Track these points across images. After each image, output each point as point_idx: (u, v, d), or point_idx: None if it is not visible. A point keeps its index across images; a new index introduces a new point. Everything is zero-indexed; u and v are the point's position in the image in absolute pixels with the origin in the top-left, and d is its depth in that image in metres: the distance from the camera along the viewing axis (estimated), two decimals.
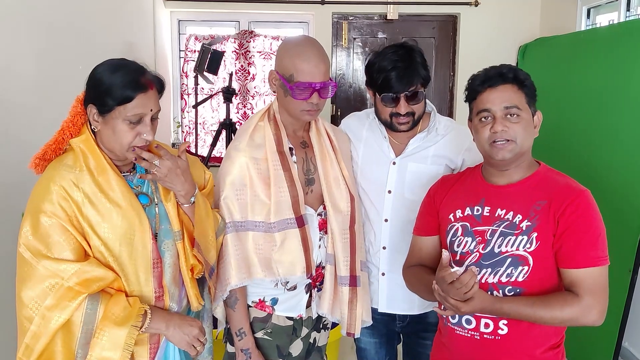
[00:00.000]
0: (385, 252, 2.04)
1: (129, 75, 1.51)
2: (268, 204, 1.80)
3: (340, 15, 4.85)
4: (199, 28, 4.97)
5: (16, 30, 2.31)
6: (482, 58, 4.58)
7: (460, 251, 1.67)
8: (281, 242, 1.81)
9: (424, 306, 2.04)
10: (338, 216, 1.90)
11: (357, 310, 1.95)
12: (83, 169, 1.52)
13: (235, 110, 4.80)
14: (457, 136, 2.01)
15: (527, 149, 1.61)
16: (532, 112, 1.62)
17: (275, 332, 1.91)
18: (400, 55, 1.90)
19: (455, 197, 1.74)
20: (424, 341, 2.09)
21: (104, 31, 3.35)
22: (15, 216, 2.21)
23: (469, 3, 4.70)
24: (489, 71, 1.63)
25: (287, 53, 1.82)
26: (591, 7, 4.07)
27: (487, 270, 1.61)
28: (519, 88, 1.59)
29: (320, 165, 1.92)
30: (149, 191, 1.64)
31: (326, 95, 1.81)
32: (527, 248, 1.56)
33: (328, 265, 1.93)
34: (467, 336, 1.66)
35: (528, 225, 1.57)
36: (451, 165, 2.01)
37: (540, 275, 1.57)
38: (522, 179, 1.63)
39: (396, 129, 1.96)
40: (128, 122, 1.50)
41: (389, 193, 2.02)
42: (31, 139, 2.35)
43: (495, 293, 1.59)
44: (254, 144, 1.84)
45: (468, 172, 1.80)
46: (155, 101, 1.55)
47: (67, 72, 2.76)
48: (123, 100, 1.48)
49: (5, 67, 2.23)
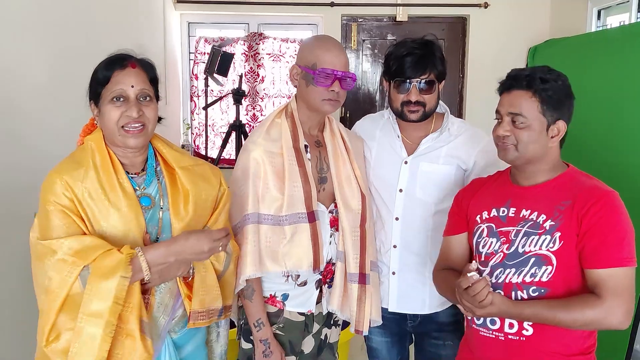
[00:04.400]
0: (395, 251, 2.04)
1: (108, 59, 1.57)
2: (279, 198, 1.82)
3: (350, 18, 4.86)
4: (208, 30, 4.99)
5: (27, 34, 2.32)
6: (491, 60, 4.66)
7: (485, 252, 1.67)
8: (291, 235, 1.83)
9: (434, 305, 2.04)
10: (349, 214, 1.93)
11: (365, 308, 1.96)
12: (90, 165, 1.53)
13: (244, 112, 4.81)
14: (470, 137, 2.02)
15: (534, 156, 1.60)
16: (550, 121, 1.58)
17: (288, 327, 1.93)
18: (418, 44, 1.94)
19: (482, 198, 1.75)
20: (436, 341, 2.09)
21: (114, 34, 3.36)
22: (26, 219, 2.23)
23: (478, 5, 4.70)
24: (510, 73, 1.63)
25: (308, 47, 1.91)
26: (602, 9, 4.06)
27: (511, 270, 1.60)
28: (533, 95, 1.57)
29: (333, 164, 1.95)
30: (154, 194, 1.61)
31: (346, 86, 1.86)
32: (550, 248, 1.55)
33: (339, 262, 1.95)
34: (491, 337, 1.65)
35: (552, 225, 1.56)
36: (463, 166, 2.01)
37: (564, 276, 1.55)
38: (548, 180, 1.63)
39: (406, 118, 1.97)
40: (112, 100, 1.53)
41: (400, 192, 2.02)
42: (41, 143, 2.38)
43: (520, 293, 1.58)
44: (270, 138, 1.88)
45: (497, 175, 1.80)
46: (137, 78, 1.54)
47: (78, 75, 2.75)
48: (103, 81, 1.53)
49: (16, 70, 2.25)
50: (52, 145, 2.45)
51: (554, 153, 1.63)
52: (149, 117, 1.56)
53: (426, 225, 2.01)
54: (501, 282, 1.62)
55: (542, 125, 1.58)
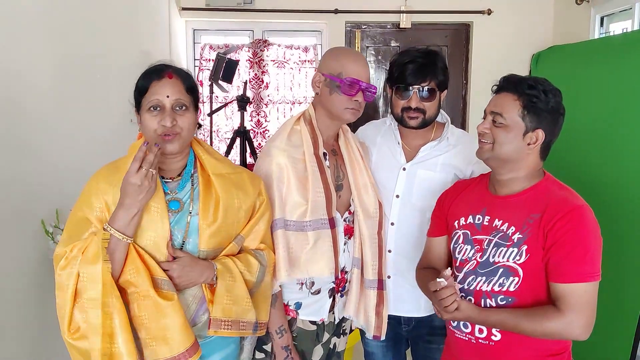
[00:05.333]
0: (391, 255, 2.09)
1: (147, 70, 1.65)
2: (303, 204, 1.84)
3: (354, 24, 4.88)
4: (213, 37, 5.01)
5: (33, 39, 2.34)
6: (495, 66, 4.66)
7: (460, 258, 1.72)
8: (314, 241, 1.85)
9: (428, 309, 2.07)
10: (368, 221, 1.96)
11: (384, 313, 2.01)
12: (126, 170, 1.57)
13: (249, 119, 4.83)
14: (467, 148, 2.04)
15: (507, 157, 1.62)
16: (529, 127, 1.60)
17: (300, 336, 1.95)
18: (422, 53, 1.99)
19: (461, 204, 1.79)
20: (431, 345, 2.13)
21: (120, 40, 3.38)
22: (34, 224, 2.26)
23: (482, 12, 4.71)
24: (505, 76, 1.68)
25: (334, 56, 1.94)
26: (605, 15, 4.06)
27: (482, 279, 1.66)
28: (517, 98, 1.60)
29: (350, 172, 1.99)
30: (184, 199, 1.65)
31: (368, 98, 1.90)
32: (516, 260, 1.59)
33: (355, 269, 1.98)
34: (465, 340, 1.72)
35: (519, 237, 1.60)
36: (460, 175, 2.05)
37: (531, 287, 1.59)
38: (523, 190, 1.65)
39: (406, 124, 2.01)
40: (149, 109, 1.60)
41: (396, 197, 2.06)
42: (47, 147, 2.39)
43: (489, 301, 1.64)
44: (291, 144, 1.90)
45: (478, 179, 1.84)
46: (173, 88, 1.60)
47: (83, 81, 2.79)
48: (142, 91, 1.61)
49: (22, 75, 2.26)
50: (57, 149, 2.47)
51: (531, 161, 1.64)
52: (182, 126, 1.61)
53: (421, 230, 2.04)
54: (472, 289, 1.67)
55: (519, 129, 1.60)
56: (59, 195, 2.41)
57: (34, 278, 2.29)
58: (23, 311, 2.22)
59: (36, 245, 2.28)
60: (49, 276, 2.33)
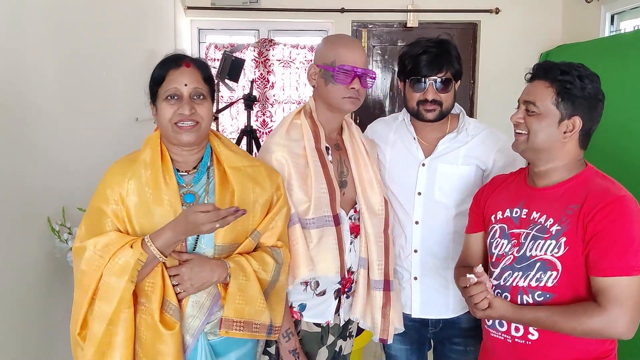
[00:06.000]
0: (416, 256, 2.01)
1: (164, 59, 1.62)
2: (305, 201, 1.78)
3: (360, 24, 4.85)
4: (218, 36, 4.99)
5: (40, 39, 2.32)
6: (502, 66, 4.64)
7: (497, 253, 1.65)
8: (318, 239, 1.78)
9: (458, 309, 2.01)
10: (374, 219, 1.89)
11: (390, 315, 1.93)
12: (140, 162, 1.58)
13: (254, 118, 4.80)
14: (487, 137, 1.99)
15: (543, 147, 1.56)
16: (564, 115, 1.54)
17: (305, 339, 1.88)
18: (434, 42, 1.92)
19: (498, 197, 1.72)
20: (456, 347, 2.05)
21: (126, 39, 3.37)
22: (40, 222, 2.23)
23: (489, 10, 4.68)
24: (539, 63, 1.63)
25: (327, 44, 1.88)
26: (615, 13, 4.01)
27: (519, 274, 1.58)
28: (550, 85, 1.55)
29: (355, 168, 1.91)
30: (200, 192, 1.61)
31: (366, 84, 1.83)
32: (554, 253, 1.52)
33: (361, 270, 1.91)
34: (500, 339, 1.64)
35: (558, 229, 1.52)
36: (482, 166, 1.98)
37: (570, 282, 1.51)
38: (562, 181, 1.58)
39: (423, 117, 1.94)
40: (166, 98, 1.57)
41: (418, 195, 1.99)
42: (54, 146, 2.38)
43: (525, 297, 1.57)
44: (291, 138, 1.84)
45: (517, 172, 1.77)
46: (191, 77, 1.58)
47: (90, 80, 2.78)
48: (159, 80, 1.58)
49: (29, 74, 2.25)
50: (63, 147, 2.46)
51: (569, 150, 1.58)
52: (201, 115, 1.58)
53: (447, 228, 1.98)
54: (509, 285, 1.60)
55: (553, 117, 1.54)
56: (64, 193, 2.39)
57: (39, 276, 2.26)
58: (28, 309, 2.20)
59: (42, 243, 2.26)
60: (54, 274, 2.32)
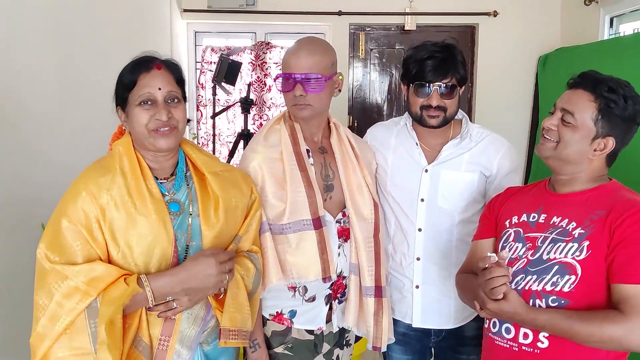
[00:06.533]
0: (419, 264, 1.97)
1: (133, 62, 1.53)
2: (278, 206, 1.76)
3: (357, 27, 4.82)
4: (215, 39, 4.96)
5: (37, 41, 2.31)
6: (501, 69, 4.63)
7: (510, 257, 1.59)
8: (296, 244, 1.75)
9: (461, 318, 1.97)
10: (362, 224, 1.84)
11: (383, 322, 1.88)
12: (117, 171, 1.49)
13: (251, 122, 4.77)
14: (491, 143, 1.96)
15: (568, 159, 1.54)
16: (599, 133, 1.49)
17: (296, 347, 1.84)
18: (440, 47, 1.88)
19: (514, 203, 1.69)
20: (459, 356, 2.02)
21: (121, 42, 3.35)
22: (35, 227, 2.20)
23: (487, 13, 4.66)
24: (585, 71, 1.57)
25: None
26: (614, 16, 3.99)
27: (533, 277, 1.52)
28: (594, 99, 1.50)
29: (342, 171, 1.87)
30: (183, 199, 1.56)
31: (310, 88, 1.75)
32: (575, 256, 1.47)
33: (352, 276, 1.87)
34: (506, 347, 1.57)
35: (581, 232, 1.48)
36: (486, 173, 1.95)
37: (588, 288, 1.46)
38: (586, 189, 1.56)
39: (426, 123, 1.91)
40: (140, 104, 1.49)
41: (421, 201, 1.95)
42: (51, 150, 2.36)
43: (538, 301, 1.50)
44: (268, 144, 1.82)
45: (535, 183, 1.74)
46: (164, 80, 1.51)
47: (86, 82, 2.77)
48: (130, 85, 1.50)
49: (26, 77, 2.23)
50: (61, 151, 2.45)
51: (595, 167, 1.55)
52: (178, 119, 1.52)
53: (450, 235, 1.94)
54: (520, 289, 1.53)
55: (588, 133, 1.50)
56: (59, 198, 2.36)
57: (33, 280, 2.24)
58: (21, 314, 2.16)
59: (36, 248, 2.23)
60: None
